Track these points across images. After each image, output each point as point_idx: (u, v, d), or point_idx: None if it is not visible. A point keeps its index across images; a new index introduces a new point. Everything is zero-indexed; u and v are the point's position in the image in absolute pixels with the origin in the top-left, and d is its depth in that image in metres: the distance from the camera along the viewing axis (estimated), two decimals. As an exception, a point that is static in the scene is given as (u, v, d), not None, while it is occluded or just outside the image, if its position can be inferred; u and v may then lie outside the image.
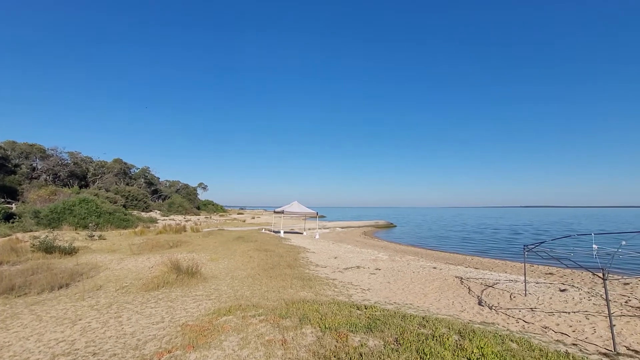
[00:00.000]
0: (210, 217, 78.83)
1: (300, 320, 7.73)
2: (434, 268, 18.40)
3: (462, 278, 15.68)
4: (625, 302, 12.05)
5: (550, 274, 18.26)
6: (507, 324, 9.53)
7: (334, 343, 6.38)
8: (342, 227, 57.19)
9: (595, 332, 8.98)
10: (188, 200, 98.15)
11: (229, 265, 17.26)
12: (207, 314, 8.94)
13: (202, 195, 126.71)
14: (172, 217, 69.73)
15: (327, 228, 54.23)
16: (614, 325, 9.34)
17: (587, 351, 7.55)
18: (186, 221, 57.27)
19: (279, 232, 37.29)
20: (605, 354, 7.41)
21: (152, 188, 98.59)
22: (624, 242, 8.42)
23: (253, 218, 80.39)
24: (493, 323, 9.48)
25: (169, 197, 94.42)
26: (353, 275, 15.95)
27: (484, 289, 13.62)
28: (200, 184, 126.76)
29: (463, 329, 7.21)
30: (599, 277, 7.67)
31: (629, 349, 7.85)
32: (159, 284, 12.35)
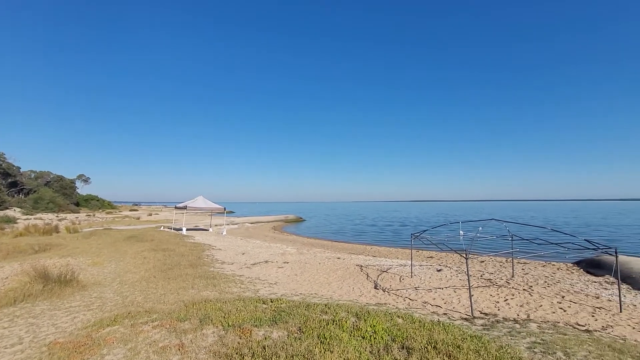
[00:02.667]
0: (94, 215, 67.25)
1: (201, 321, 7.25)
2: (338, 258, 19.65)
3: (362, 266, 17.16)
4: (481, 275, 15.10)
5: (431, 257, 21.56)
6: (397, 302, 10.83)
7: (237, 340, 6.19)
8: (252, 223, 56.09)
9: (460, 302, 10.98)
10: (63, 195, 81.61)
11: (118, 269, 15.05)
12: (86, 327, 7.58)
13: (84, 190, 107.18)
14: (39, 215, 57.02)
15: (236, 224, 52.39)
16: (472, 295, 11.58)
17: (453, 318, 9.17)
18: (59, 220, 47.62)
19: (181, 229, 34.28)
20: (465, 319, 9.11)
21: (9, 180, 78.64)
22: (480, 229, 10.52)
23: (150, 215, 71.72)
24: (385, 303, 10.66)
25: (36, 192, 76.78)
26: (261, 270, 15.79)
27: (380, 274, 15.18)
28: (80, 176, 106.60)
29: (360, 311, 7.89)
30: (463, 257, 9.36)
31: (481, 313, 9.85)
32: (16, 299, 9.90)
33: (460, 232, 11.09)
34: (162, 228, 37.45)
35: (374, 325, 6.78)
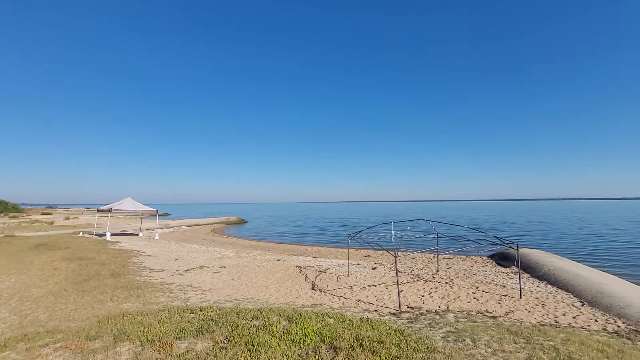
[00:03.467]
0: (-7, 220, 57.02)
1: (115, 338, 6.55)
2: (278, 260, 19.48)
3: (301, 267, 17.23)
4: (411, 271, 16.23)
5: (368, 256, 22.54)
6: (332, 302, 11.06)
7: (155, 356, 5.71)
8: (189, 226, 52.75)
9: (390, 298, 11.64)
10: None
11: (18, 284, 12.92)
12: (-38, 358, 6.33)
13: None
14: None
15: (171, 227, 48.77)
16: (401, 290, 12.36)
17: (383, 314, 9.67)
18: (-57, 227, 39.41)
19: (105, 234, 30.83)
20: (394, 314, 9.68)
21: None
22: (409, 228, 11.32)
23: (67, 219, 63.09)
24: (321, 304, 10.82)
25: None
26: (194, 277, 14.90)
27: (318, 275, 15.39)
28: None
29: (292, 314, 7.88)
30: (392, 255, 9.93)
31: (408, 307, 10.56)
32: None
33: (392, 231, 11.81)
34: (81, 234, 33.23)
35: (305, 328, 6.82)
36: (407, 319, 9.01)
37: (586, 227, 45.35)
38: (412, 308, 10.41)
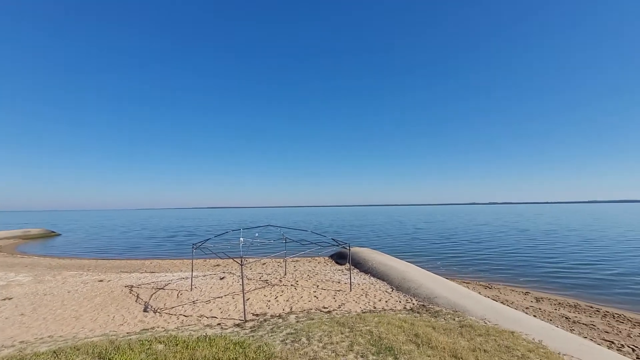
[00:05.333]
0: None
1: None
2: (100, 281, 15.81)
3: (132, 286, 14.53)
4: (260, 277, 16.29)
5: (217, 265, 21.32)
6: (168, 323, 9.70)
7: None
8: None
9: (236, 307, 11.21)
10: None
11: None
12: None
13: None
14: None
15: None
16: (248, 298, 12.17)
17: (226, 326, 9.16)
18: None
19: None
20: (238, 324, 9.32)
21: None
22: (257, 234, 11.31)
23: None
24: (154, 327, 9.30)
25: None
26: (-53, 320, 10.15)
27: (154, 293, 13.32)
28: None
29: (106, 349, 6.36)
30: (238, 263, 9.60)
31: (254, 314, 10.42)
32: None
33: (241, 238, 11.49)
34: None
35: (122, 363, 5.59)
36: (250, 327, 8.84)
37: (401, 227, 58.08)
38: (257, 315, 10.34)
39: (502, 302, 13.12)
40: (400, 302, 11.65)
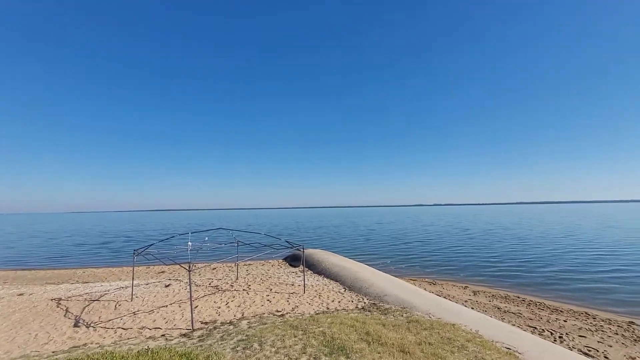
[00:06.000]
0: None
1: None
2: (20, 295, 13.87)
3: (60, 299, 12.96)
4: (210, 283, 15.56)
5: (163, 272, 19.92)
6: (103, 338, 8.81)
7: None
8: None
9: (183, 316, 10.56)
10: None
11: None
12: None
13: None
14: None
15: None
16: (197, 306, 11.55)
17: (171, 337, 8.57)
18: None
19: None
20: (185, 334, 8.77)
21: None
22: (207, 238, 10.77)
23: None
24: (86, 344, 8.38)
25: None
26: None
27: (87, 305, 12.02)
28: None
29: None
30: (186, 269, 9.07)
31: (202, 323, 9.89)
32: None
33: (189, 243, 10.86)
34: None
35: (45, 387, 4.92)
36: (199, 337, 8.38)
37: (355, 229, 59.61)
38: (206, 323, 9.84)
39: (444, 297, 14.09)
40: (352, 301, 11.91)
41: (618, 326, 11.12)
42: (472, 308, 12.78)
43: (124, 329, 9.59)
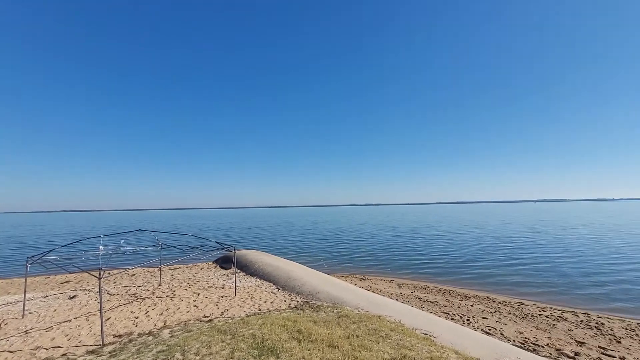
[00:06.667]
0: None
1: None
2: None
3: None
4: (127, 291, 13.95)
5: (67, 282, 17.19)
6: (-21, 366, 7.24)
7: None
8: None
9: (91, 331, 9.24)
10: None
11: None
12: None
13: None
14: None
15: None
16: (109, 318, 10.26)
17: (75, 356, 7.43)
18: None
19: None
20: (93, 351, 7.68)
21: None
22: (122, 241, 9.61)
23: None
24: (-48, 375, 6.78)
25: None
26: None
27: (-42, 328, 9.75)
28: None
29: None
30: (95, 276, 7.96)
31: (115, 336, 8.77)
32: None
33: (100, 247, 9.53)
34: None
35: None
36: (110, 352, 7.42)
37: (292, 228, 59.54)
38: (120, 336, 8.77)
39: (373, 291, 14.92)
40: (285, 301, 11.84)
41: (511, 307, 13.09)
42: (397, 300, 13.76)
43: (11, 352, 8.02)
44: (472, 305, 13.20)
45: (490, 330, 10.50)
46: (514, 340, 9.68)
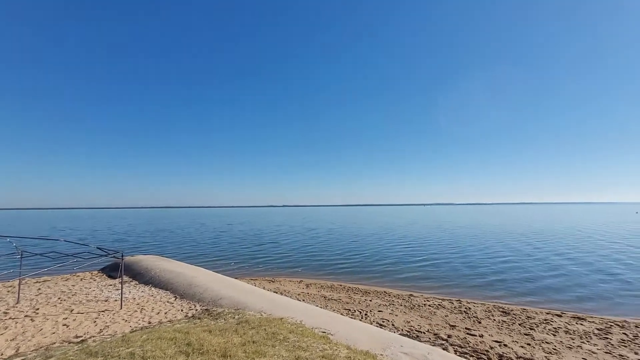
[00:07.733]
0: None
1: None
2: None
3: None
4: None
5: None
6: None
7: None
8: None
9: None
10: None
11: None
12: None
13: None
14: None
15: None
16: None
17: None
18: None
19: None
20: None
21: None
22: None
23: None
24: None
25: None
26: None
27: None
28: None
29: None
30: None
31: None
32: None
33: None
34: None
35: None
36: None
37: (204, 231, 55.50)
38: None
39: (281, 293, 14.83)
40: (182, 310, 10.82)
41: (403, 299, 14.55)
42: (303, 300, 13.95)
43: None
44: (370, 300, 14.23)
45: (383, 322, 11.44)
46: (402, 330, 10.73)
